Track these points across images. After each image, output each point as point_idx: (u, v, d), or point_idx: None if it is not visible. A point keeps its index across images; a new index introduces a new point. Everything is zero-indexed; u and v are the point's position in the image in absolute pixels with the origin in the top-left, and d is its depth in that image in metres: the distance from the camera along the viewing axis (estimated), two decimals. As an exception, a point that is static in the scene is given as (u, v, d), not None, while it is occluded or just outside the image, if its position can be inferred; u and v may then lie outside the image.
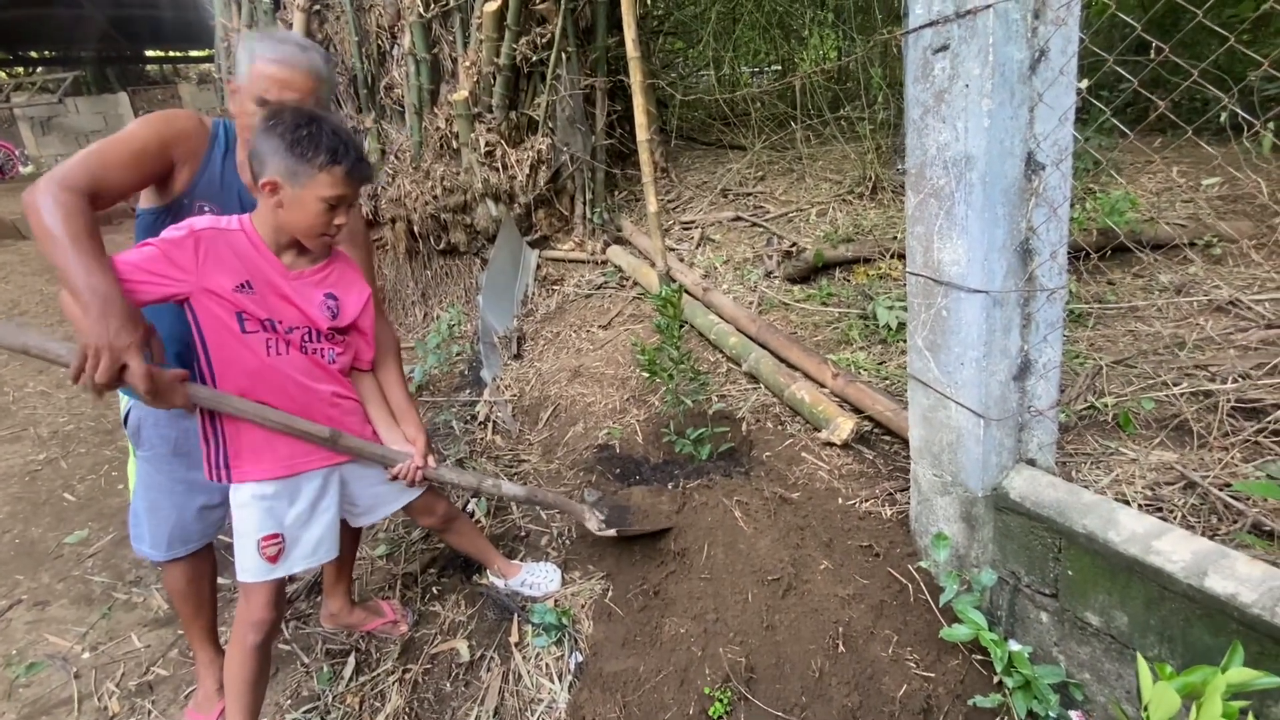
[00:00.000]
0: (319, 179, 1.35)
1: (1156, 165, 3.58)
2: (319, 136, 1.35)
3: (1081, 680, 1.45)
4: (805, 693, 1.54)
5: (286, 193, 1.36)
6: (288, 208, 1.38)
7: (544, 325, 3.84)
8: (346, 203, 1.41)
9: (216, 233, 1.38)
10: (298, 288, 1.46)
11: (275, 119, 1.36)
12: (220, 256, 1.37)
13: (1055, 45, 1.31)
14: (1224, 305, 2.41)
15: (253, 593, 1.54)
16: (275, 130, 1.34)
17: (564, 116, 4.29)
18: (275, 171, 1.34)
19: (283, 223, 1.40)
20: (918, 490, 1.76)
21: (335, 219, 1.41)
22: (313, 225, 1.40)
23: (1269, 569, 1.15)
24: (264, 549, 1.50)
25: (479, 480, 1.83)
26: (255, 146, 1.36)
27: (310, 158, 1.33)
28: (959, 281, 1.44)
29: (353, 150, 1.39)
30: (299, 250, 1.47)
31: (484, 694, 1.81)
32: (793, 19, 5.47)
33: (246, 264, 1.40)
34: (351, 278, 1.57)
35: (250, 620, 1.54)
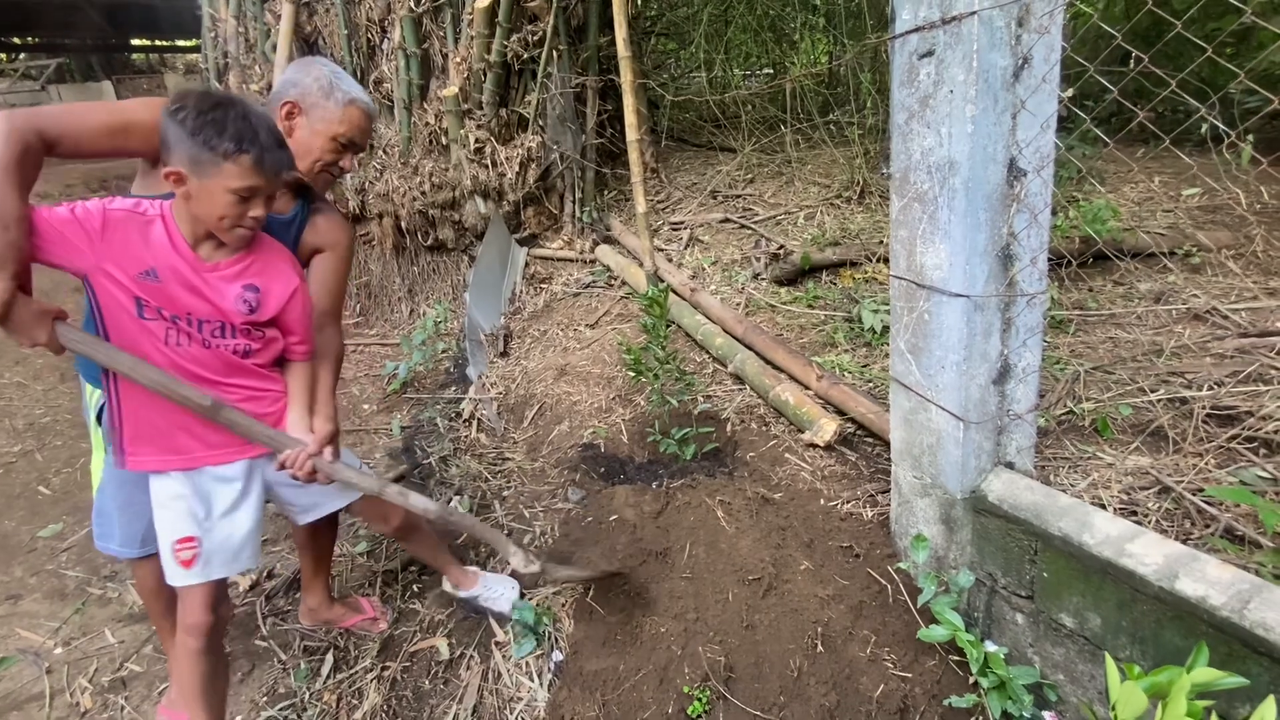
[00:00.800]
0: (225, 169, 1.25)
1: (1138, 175, 3.64)
2: (224, 122, 1.24)
3: (1055, 681, 1.46)
4: (784, 692, 1.54)
5: (192, 184, 1.26)
6: (195, 199, 1.28)
7: (531, 323, 3.84)
8: (261, 194, 1.31)
9: (129, 215, 1.30)
10: (211, 281, 1.36)
11: (180, 103, 1.26)
12: (127, 240, 1.29)
13: (1038, 53, 1.33)
14: (1201, 314, 2.45)
15: (185, 596, 1.47)
16: (178, 116, 1.24)
17: (554, 115, 4.28)
18: (179, 160, 1.25)
19: (193, 214, 1.31)
20: (898, 492, 1.77)
21: (250, 211, 1.31)
22: (223, 218, 1.30)
23: (1238, 572, 1.17)
24: (178, 553, 1.43)
25: (380, 485, 1.58)
26: (161, 131, 1.27)
27: (214, 145, 1.24)
28: (941, 285, 1.45)
29: (263, 136, 1.28)
30: (219, 242, 1.37)
31: (463, 692, 1.80)
32: (784, 23, 5.50)
33: (156, 253, 1.31)
34: (278, 268, 1.45)
35: (186, 624, 1.48)
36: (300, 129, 1.61)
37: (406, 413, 3.34)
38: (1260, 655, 1.07)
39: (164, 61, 17.48)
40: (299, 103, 1.60)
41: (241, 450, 1.47)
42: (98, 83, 12.97)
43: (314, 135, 1.61)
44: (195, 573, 1.44)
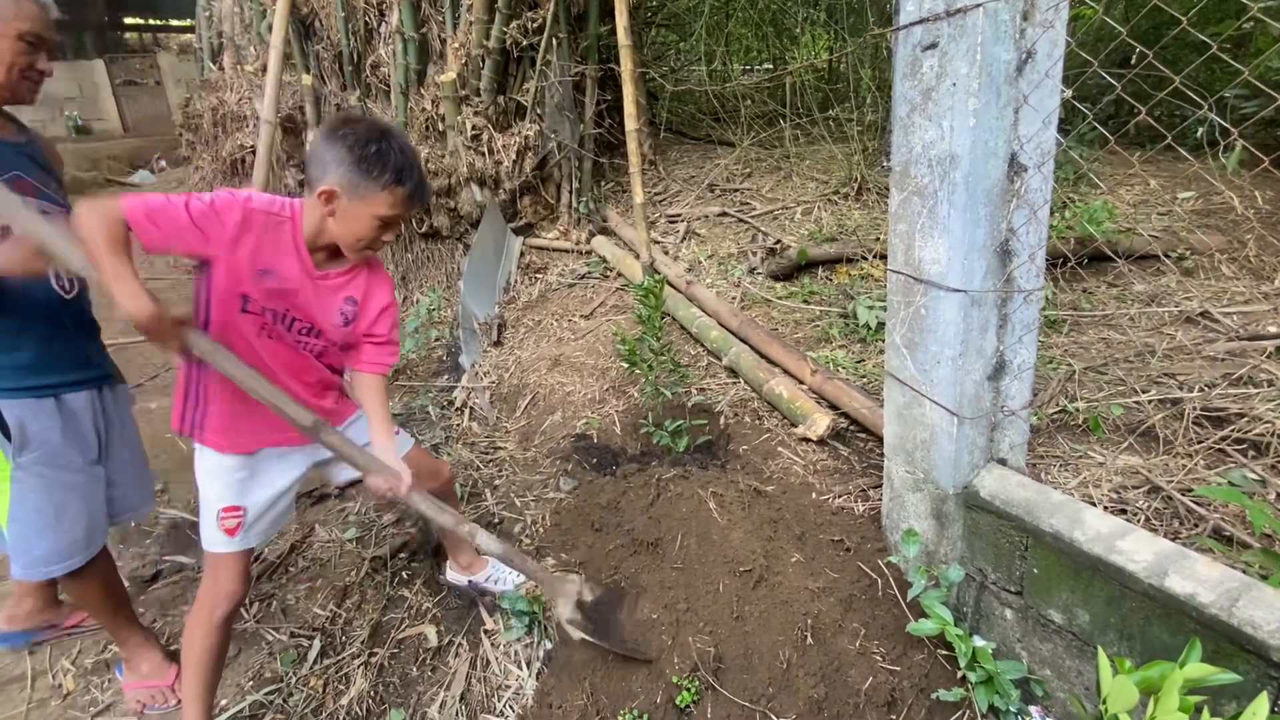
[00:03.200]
0: (380, 197, 1.33)
1: (1135, 177, 3.65)
2: (388, 154, 1.32)
3: (1042, 676, 1.47)
4: (772, 683, 1.55)
5: (342, 203, 1.33)
6: (339, 218, 1.35)
7: (525, 313, 3.82)
8: (399, 223, 1.40)
9: (267, 216, 1.35)
10: (321, 288, 1.44)
11: (346, 127, 1.33)
12: (258, 239, 1.34)
13: (1042, 48, 1.32)
14: (1194, 316, 2.46)
15: (221, 566, 1.51)
16: (345, 140, 1.31)
17: (553, 103, 4.25)
18: (335, 181, 1.31)
19: (330, 229, 1.38)
20: (890, 486, 1.77)
21: (384, 236, 1.40)
22: (360, 239, 1.38)
23: (1227, 570, 1.17)
24: (223, 520, 1.48)
25: (456, 522, 1.62)
26: (316, 150, 1.33)
27: (376, 175, 1.31)
28: (938, 280, 1.45)
29: (417, 173, 1.37)
30: (332, 252, 1.44)
31: (451, 679, 1.79)
32: (785, 17, 5.48)
33: (279, 254, 1.37)
34: (377, 284, 1.53)
35: (220, 593, 1.52)
36: None
37: (399, 400, 3.32)
38: (1248, 653, 1.08)
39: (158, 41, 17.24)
40: None
41: (301, 441, 1.53)
42: (90, 61, 12.77)
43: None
44: (236, 540, 1.50)
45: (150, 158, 9.45)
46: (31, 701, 1.82)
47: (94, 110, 12.38)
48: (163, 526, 2.47)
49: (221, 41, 5.48)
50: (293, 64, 4.69)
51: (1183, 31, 1.40)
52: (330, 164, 1.31)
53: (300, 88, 4.61)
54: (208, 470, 1.49)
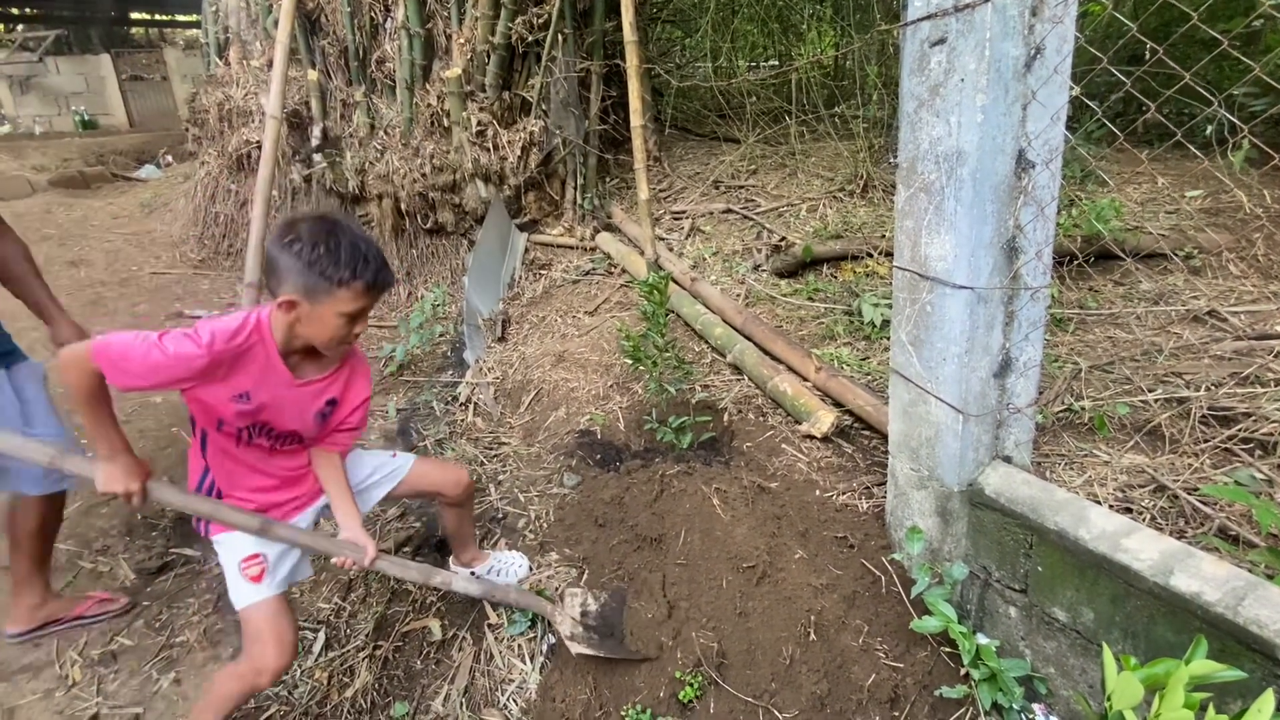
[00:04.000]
0: (340, 295, 1.30)
1: (1142, 175, 3.63)
2: (338, 252, 1.29)
3: (1046, 674, 1.47)
4: (775, 679, 1.55)
5: (304, 309, 1.31)
6: (305, 322, 1.34)
7: (530, 309, 3.82)
8: (366, 313, 1.39)
9: (232, 350, 1.32)
10: (300, 397, 1.44)
11: (291, 233, 1.30)
12: (228, 373, 1.34)
13: (1051, 44, 1.32)
14: (1201, 315, 2.45)
15: (258, 625, 1.47)
16: (293, 247, 1.28)
17: (558, 99, 4.25)
18: (293, 289, 1.29)
19: (299, 334, 1.37)
20: (894, 484, 1.77)
21: (355, 328, 1.38)
22: (331, 338, 1.36)
23: (1233, 569, 1.17)
24: (245, 569, 1.49)
25: (426, 575, 1.68)
26: (272, 257, 1.32)
27: (330, 275, 1.28)
28: (945, 277, 1.45)
29: (373, 260, 1.34)
30: (307, 354, 1.44)
31: (454, 673, 1.80)
32: (792, 13, 5.46)
33: (254, 375, 1.37)
34: (356, 381, 1.55)
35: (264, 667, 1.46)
36: None
37: (403, 395, 3.33)
38: (1254, 652, 1.07)
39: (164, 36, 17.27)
40: None
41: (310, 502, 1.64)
42: (96, 56, 12.80)
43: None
44: (264, 586, 1.50)
45: (156, 153, 9.46)
46: (38, 692, 1.83)
47: (100, 105, 12.42)
48: (169, 519, 2.49)
49: (227, 37, 5.49)
50: (298, 59, 4.69)
51: (1191, 28, 1.39)
52: (284, 273, 1.29)
53: (306, 83, 4.61)
54: (226, 544, 1.51)
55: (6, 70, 12.04)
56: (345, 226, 1.34)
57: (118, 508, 2.60)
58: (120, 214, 6.77)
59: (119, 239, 5.99)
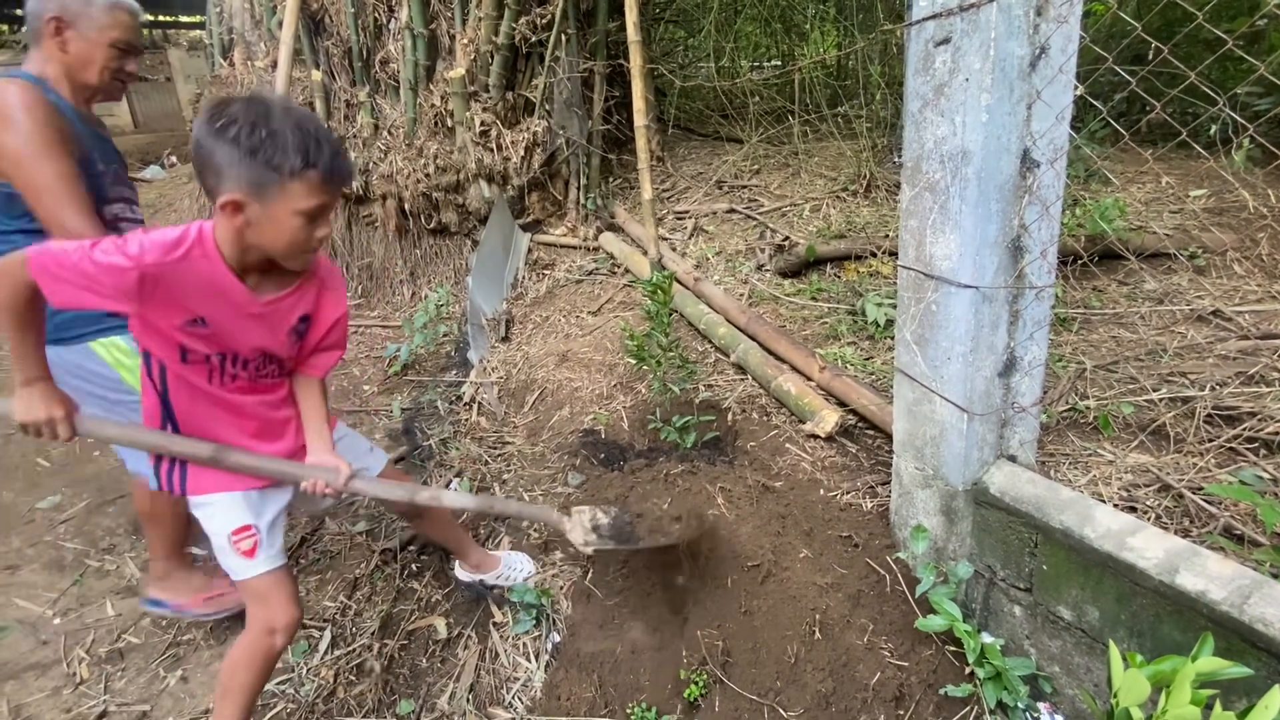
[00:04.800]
0: (292, 189, 1.10)
1: (1146, 175, 3.63)
2: (284, 135, 1.08)
3: (1051, 673, 1.47)
4: (780, 678, 1.55)
5: (253, 211, 1.11)
6: (256, 227, 1.13)
7: (533, 309, 3.82)
8: (328, 210, 1.18)
9: (167, 266, 1.13)
10: (266, 317, 1.27)
11: (223, 116, 1.08)
12: (169, 292, 1.15)
13: (1056, 43, 1.32)
14: (1206, 315, 2.45)
15: (262, 591, 1.39)
16: (227, 132, 1.07)
17: (561, 99, 4.25)
18: (236, 187, 1.09)
19: (252, 244, 1.17)
20: (899, 483, 1.77)
21: (316, 232, 1.18)
22: (291, 244, 1.16)
23: (1239, 568, 1.17)
24: (237, 544, 1.38)
25: (411, 492, 1.54)
26: (202, 150, 1.10)
27: (278, 164, 1.08)
28: (950, 276, 1.45)
29: (326, 146, 1.12)
30: (265, 270, 1.24)
31: (460, 671, 1.81)
32: (794, 13, 5.46)
33: (204, 294, 1.18)
34: (330, 294, 1.38)
35: (275, 625, 1.39)
36: (73, 41, 1.59)
37: (407, 395, 3.34)
38: (1260, 650, 1.07)
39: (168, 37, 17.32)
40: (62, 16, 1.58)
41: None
42: (100, 57, 12.84)
43: (91, 45, 1.60)
44: (260, 560, 1.39)
45: (161, 153, 9.50)
46: (46, 690, 1.84)
47: (104, 106, 12.42)
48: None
49: (232, 38, 5.51)
50: (302, 60, 4.71)
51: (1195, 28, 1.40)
52: (222, 167, 1.09)
53: (310, 84, 4.62)
54: (208, 513, 1.39)
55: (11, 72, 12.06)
56: (287, 107, 1.14)
57: (123, 506, 2.62)
58: (125, 214, 6.78)
59: (124, 239, 5.99)
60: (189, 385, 1.29)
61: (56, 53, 1.59)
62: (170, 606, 1.98)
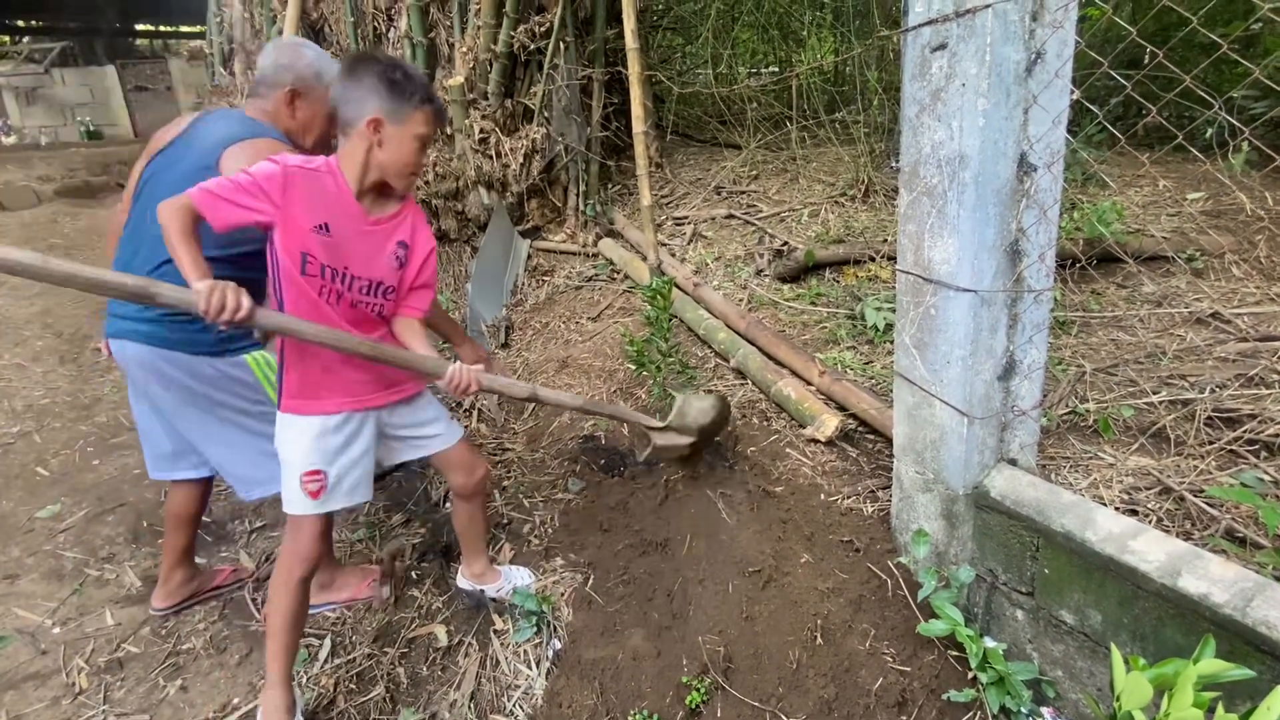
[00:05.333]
0: (416, 116, 1.42)
1: (1144, 178, 3.64)
2: (413, 77, 1.43)
3: (1054, 677, 1.47)
4: (782, 684, 1.54)
5: (388, 130, 1.41)
6: (386, 145, 1.43)
7: (533, 315, 3.83)
8: (430, 140, 1.50)
9: (306, 172, 1.41)
10: (374, 234, 1.50)
11: (365, 64, 1.42)
12: (306, 194, 1.40)
13: (1051, 48, 1.33)
14: (1204, 317, 2.45)
15: (300, 528, 1.57)
16: (372, 72, 1.40)
17: (560, 106, 4.27)
18: (376, 109, 1.40)
19: (378, 161, 1.44)
20: (900, 487, 1.77)
21: (421, 158, 1.49)
22: (408, 163, 1.46)
23: (1241, 570, 1.17)
24: (306, 484, 1.54)
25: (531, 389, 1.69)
26: (346, 90, 1.41)
27: (409, 95, 1.41)
28: (948, 280, 1.45)
29: (435, 93, 1.48)
30: (377, 193, 1.51)
31: (460, 679, 1.80)
32: (792, 19, 5.48)
33: (330, 206, 1.43)
34: (421, 227, 1.60)
35: (299, 554, 1.57)
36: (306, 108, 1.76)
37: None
38: (1263, 653, 1.07)
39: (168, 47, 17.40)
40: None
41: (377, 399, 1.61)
42: (101, 67, 12.90)
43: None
44: (319, 503, 1.56)
45: (160, 162, 9.52)
46: (45, 700, 1.84)
47: (105, 115, 12.51)
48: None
49: (232, 47, 5.53)
50: (302, 69, 4.72)
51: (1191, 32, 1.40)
52: (367, 96, 1.40)
53: (310, 92, 4.63)
54: (288, 437, 1.54)
55: (13, 82, 12.13)
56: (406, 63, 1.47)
57: (123, 515, 2.61)
58: (125, 223, 6.80)
59: (124, 248, 6.01)
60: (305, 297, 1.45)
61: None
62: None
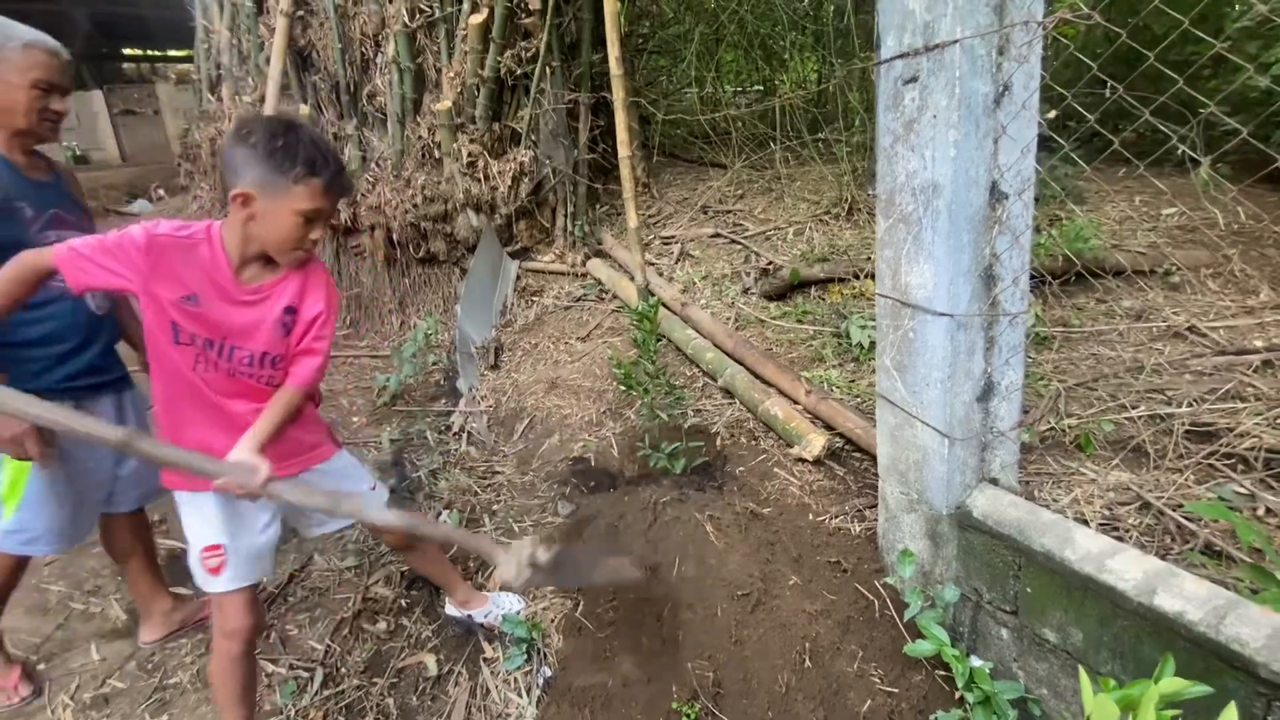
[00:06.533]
0: (295, 191, 1.29)
1: (1118, 195, 3.71)
2: (295, 146, 1.28)
3: (1039, 696, 1.48)
4: (772, 708, 1.55)
5: (259, 205, 1.30)
6: (260, 220, 1.31)
7: (522, 336, 3.84)
8: (324, 217, 1.35)
9: (174, 241, 1.33)
10: (252, 305, 1.39)
11: (248, 128, 1.30)
12: (171, 265, 1.32)
13: (1018, 81, 1.37)
14: (1181, 331, 2.50)
15: (223, 604, 1.52)
16: (249, 139, 1.28)
17: (547, 130, 4.32)
18: (248, 183, 1.28)
19: (254, 235, 1.34)
20: (885, 507, 1.79)
21: (311, 233, 1.35)
22: (286, 240, 1.33)
23: (1214, 588, 1.19)
24: (205, 560, 1.48)
25: (333, 502, 1.47)
26: (227, 154, 1.31)
27: (287, 169, 1.27)
28: (925, 304, 1.48)
29: (331, 162, 1.33)
30: (264, 263, 1.39)
31: (450, 708, 1.79)
32: (774, 41, 5.58)
33: (199, 276, 1.34)
34: (313, 290, 1.44)
35: (227, 630, 1.52)
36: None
37: (396, 425, 3.33)
38: (1236, 669, 1.09)
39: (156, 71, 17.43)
40: None
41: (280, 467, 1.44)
42: (88, 91, 12.90)
43: (12, 89, 1.57)
44: (224, 579, 1.49)
45: (148, 187, 9.52)
46: (29, 738, 1.81)
47: (92, 140, 12.48)
48: (162, 557, 2.47)
49: (219, 72, 5.56)
50: (290, 94, 4.76)
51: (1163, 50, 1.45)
52: (240, 166, 1.29)
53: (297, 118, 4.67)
54: (185, 511, 1.49)
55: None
56: (304, 127, 1.33)
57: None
58: (112, 248, 6.77)
59: (111, 273, 5.99)
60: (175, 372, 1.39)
61: None
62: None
